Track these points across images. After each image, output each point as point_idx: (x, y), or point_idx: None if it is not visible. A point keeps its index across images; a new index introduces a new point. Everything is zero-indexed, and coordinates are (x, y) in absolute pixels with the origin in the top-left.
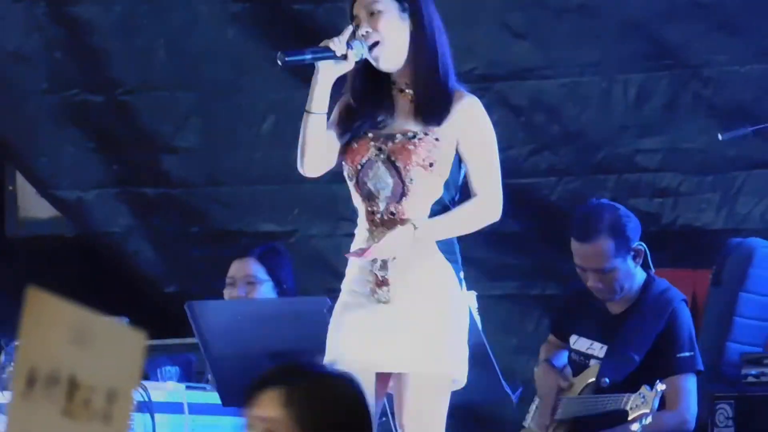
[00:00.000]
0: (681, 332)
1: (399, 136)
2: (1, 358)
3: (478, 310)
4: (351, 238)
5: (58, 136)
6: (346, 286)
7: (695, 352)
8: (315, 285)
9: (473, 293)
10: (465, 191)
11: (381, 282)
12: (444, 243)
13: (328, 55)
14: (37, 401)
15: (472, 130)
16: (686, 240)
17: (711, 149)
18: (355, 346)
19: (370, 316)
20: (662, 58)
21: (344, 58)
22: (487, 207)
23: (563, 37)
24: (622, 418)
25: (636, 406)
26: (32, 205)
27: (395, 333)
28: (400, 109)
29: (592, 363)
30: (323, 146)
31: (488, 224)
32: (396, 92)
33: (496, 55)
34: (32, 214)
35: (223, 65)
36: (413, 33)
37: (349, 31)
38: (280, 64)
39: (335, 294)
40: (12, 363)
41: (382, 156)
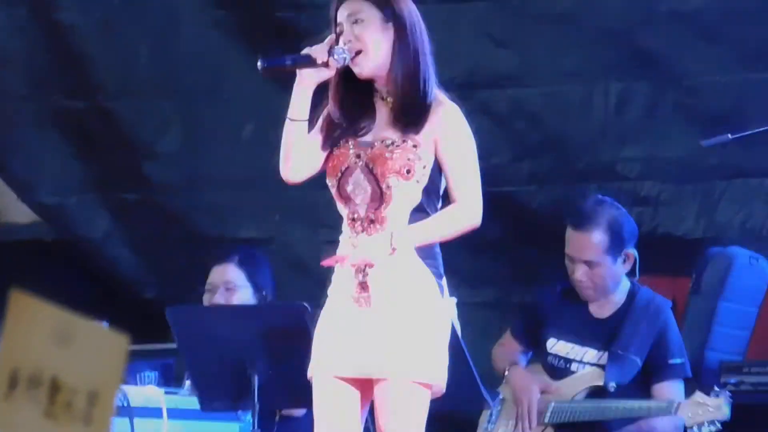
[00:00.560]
0: (673, 339)
1: (377, 143)
2: None
3: (458, 317)
4: (331, 244)
5: (39, 140)
6: (330, 292)
7: (685, 359)
8: (295, 291)
9: (453, 300)
10: (446, 198)
11: (362, 288)
12: (425, 250)
13: (308, 62)
14: (19, 402)
15: (450, 137)
16: (666, 248)
17: (691, 158)
18: (337, 352)
19: (351, 322)
20: (642, 66)
21: (325, 65)
22: (466, 212)
23: (544, 46)
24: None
25: (697, 414)
26: (12, 209)
27: (375, 339)
28: (381, 116)
29: (575, 366)
30: (305, 153)
31: (468, 230)
32: (378, 100)
33: (477, 63)
34: (12, 219)
35: (205, 71)
36: (395, 41)
37: (330, 39)
38: (260, 70)
39: (315, 300)
40: None
41: (360, 163)
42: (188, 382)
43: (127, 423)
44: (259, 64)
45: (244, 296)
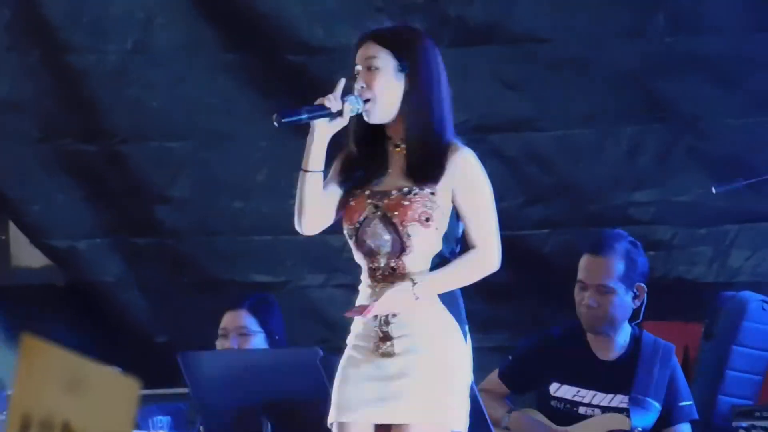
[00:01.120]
0: (681, 381)
1: (394, 192)
2: None
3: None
4: (343, 289)
5: (51, 184)
6: (350, 341)
7: (692, 401)
8: (307, 336)
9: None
10: (465, 243)
11: (384, 337)
12: (447, 296)
13: (324, 113)
14: None
15: (467, 183)
16: (678, 293)
17: (704, 202)
18: (359, 399)
19: (373, 369)
20: (655, 110)
21: (340, 114)
22: (485, 258)
23: (556, 90)
24: None
25: None
26: (24, 254)
27: (398, 385)
28: (395, 164)
29: (583, 410)
30: (320, 204)
31: (487, 274)
32: (391, 147)
33: (489, 107)
34: (24, 264)
35: (216, 115)
36: (408, 91)
37: (341, 86)
38: (276, 126)
39: (327, 345)
40: (4, 411)
41: (378, 213)
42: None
43: None
44: (275, 119)
45: (257, 342)
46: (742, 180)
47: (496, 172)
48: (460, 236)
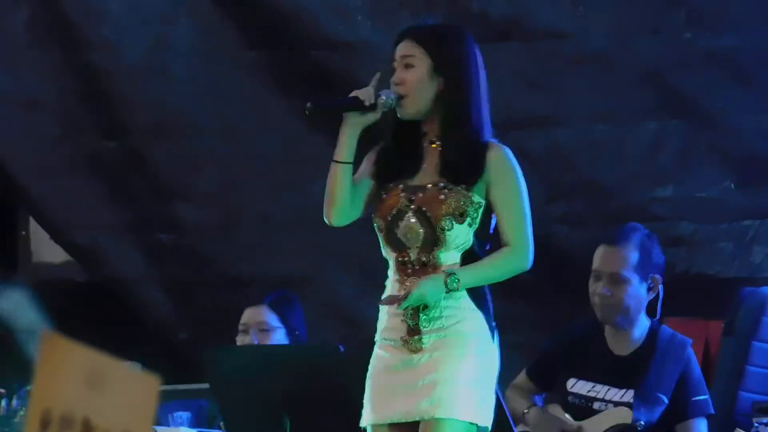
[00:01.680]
0: (695, 376)
1: (429, 186)
2: (13, 402)
3: None
4: (364, 285)
5: (72, 181)
6: (378, 335)
7: (707, 396)
8: (328, 332)
9: None
10: (496, 239)
11: (412, 331)
12: (477, 296)
13: (355, 104)
14: None
15: (501, 180)
16: (700, 289)
17: (724, 198)
18: (390, 400)
19: (403, 367)
20: (676, 107)
21: (372, 108)
22: (518, 256)
23: (578, 87)
24: None
25: None
26: (45, 250)
27: (427, 382)
28: (430, 159)
29: (597, 405)
30: (349, 196)
31: (518, 273)
32: (426, 144)
33: (510, 104)
34: (45, 260)
35: (238, 112)
36: (443, 91)
37: (376, 80)
38: (307, 113)
39: (349, 341)
40: (24, 407)
41: (412, 207)
42: (222, 424)
43: None
44: (307, 106)
45: (278, 337)
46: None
47: None
48: (491, 233)
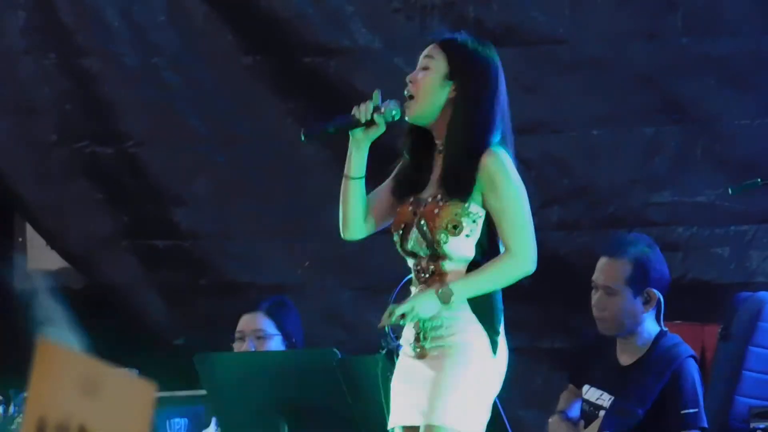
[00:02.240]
0: (685, 388)
1: (430, 199)
2: (10, 409)
3: None
4: (361, 291)
5: (68, 187)
6: (401, 342)
7: (699, 409)
8: (324, 338)
9: None
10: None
11: (418, 338)
12: (479, 306)
13: (351, 124)
14: None
15: (494, 187)
16: (695, 294)
17: (721, 203)
18: (398, 403)
19: (408, 372)
20: (672, 112)
21: (371, 124)
22: (517, 261)
23: (573, 91)
24: None
25: None
26: (41, 256)
27: (422, 389)
28: (437, 171)
29: (602, 414)
30: (362, 211)
31: (522, 277)
32: (436, 153)
33: None
34: (41, 266)
35: (233, 117)
36: (454, 99)
37: (376, 96)
38: (304, 140)
39: (345, 347)
40: (21, 414)
41: (416, 220)
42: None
43: None
44: (302, 136)
45: (274, 344)
46: (759, 180)
47: None
48: (498, 240)
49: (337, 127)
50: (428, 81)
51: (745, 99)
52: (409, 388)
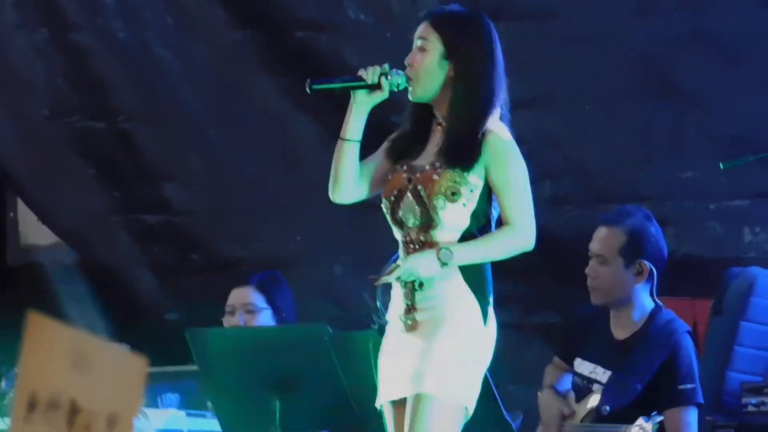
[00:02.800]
0: (683, 364)
1: (427, 166)
2: (2, 385)
3: None
4: (352, 266)
5: (60, 163)
6: (388, 316)
7: (696, 385)
8: (316, 313)
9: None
10: (499, 222)
11: (409, 309)
12: (474, 276)
13: (358, 84)
14: (38, 425)
15: (498, 162)
16: (687, 269)
17: (713, 179)
18: (388, 377)
19: (398, 345)
20: (665, 87)
21: (377, 87)
22: (516, 235)
23: (566, 67)
24: None
25: None
26: (33, 232)
27: (413, 361)
28: (435, 140)
29: (596, 388)
30: (354, 175)
31: (519, 252)
32: (435, 124)
33: None
34: (33, 241)
35: (225, 93)
36: (453, 77)
37: (387, 66)
38: (308, 91)
39: (337, 323)
40: (12, 389)
41: (410, 186)
42: (210, 405)
43: None
44: (308, 85)
45: (264, 319)
46: (750, 155)
47: None
48: (496, 216)
49: (343, 84)
50: (426, 63)
51: (737, 75)
52: (398, 362)
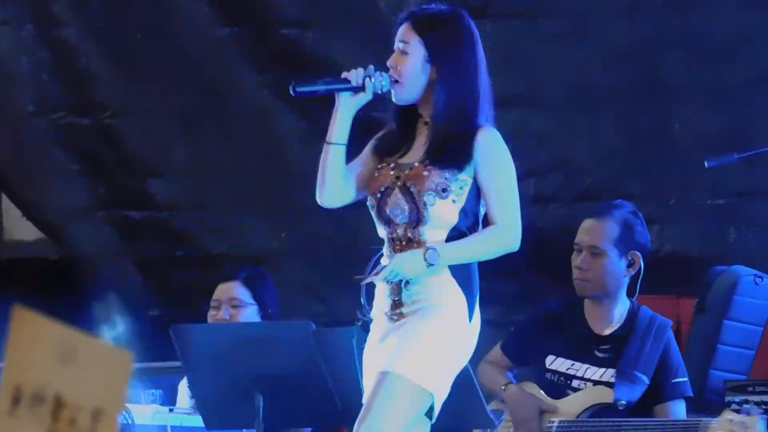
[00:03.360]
0: (676, 358)
1: (416, 163)
2: None
3: None
4: (337, 262)
5: (44, 158)
6: (372, 315)
7: (686, 378)
8: (300, 310)
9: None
10: (486, 221)
11: (395, 304)
12: (461, 273)
13: (342, 86)
14: (23, 420)
15: (487, 162)
16: (671, 268)
17: (697, 177)
18: (368, 371)
19: (381, 336)
20: (650, 85)
21: (361, 89)
22: (503, 235)
23: (551, 64)
24: None
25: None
26: (17, 227)
27: (392, 343)
28: (421, 138)
29: (576, 383)
30: (341, 178)
31: (505, 253)
32: (421, 124)
33: None
34: (17, 237)
35: (210, 89)
36: (436, 80)
37: (371, 67)
38: (293, 95)
39: (321, 319)
40: None
41: (399, 183)
42: (192, 400)
43: None
44: (292, 88)
45: (250, 314)
46: (735, 154)
47: None
48: (483, 213)
49: (328, 86)
50: (409, 67)
51: (723, 74)
52: (380, 353)
